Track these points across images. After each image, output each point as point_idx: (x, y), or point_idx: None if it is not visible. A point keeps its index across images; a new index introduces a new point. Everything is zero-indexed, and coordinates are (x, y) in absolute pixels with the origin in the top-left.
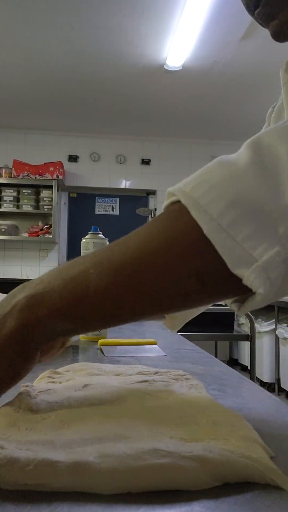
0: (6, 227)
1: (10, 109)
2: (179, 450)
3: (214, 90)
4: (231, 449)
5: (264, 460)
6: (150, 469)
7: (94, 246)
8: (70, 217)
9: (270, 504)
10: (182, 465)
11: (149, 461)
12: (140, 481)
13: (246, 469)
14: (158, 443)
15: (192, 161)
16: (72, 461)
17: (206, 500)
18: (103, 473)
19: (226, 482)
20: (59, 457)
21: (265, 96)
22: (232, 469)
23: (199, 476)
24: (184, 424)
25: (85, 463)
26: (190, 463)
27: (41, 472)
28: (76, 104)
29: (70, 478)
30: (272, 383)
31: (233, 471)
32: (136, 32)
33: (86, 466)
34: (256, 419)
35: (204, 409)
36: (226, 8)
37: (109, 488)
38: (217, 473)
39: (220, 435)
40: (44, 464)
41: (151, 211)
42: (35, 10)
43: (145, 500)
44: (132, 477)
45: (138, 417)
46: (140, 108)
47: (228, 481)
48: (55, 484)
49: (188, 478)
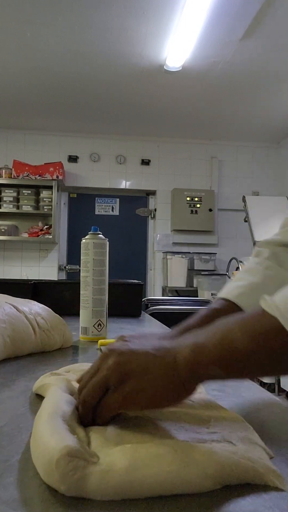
0: (6, 227)
1: (10, 109)
2: (181, 454)
3: (214, 91)
4: (232, 451)
5: (264, 462)
6: (155, 476)
7: (94, 246)
8: (70, 218)
9: (270, 505)
10: (185, 471)
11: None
12: (142, 488)
13: (247, 471)
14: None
15: (192, 162)
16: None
17: (206, 502)
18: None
19: (227, 484)
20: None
21: (265, 96)
22: (233, 471)
23: (202, 483)
24: (185, 427)
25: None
26: (194, 469)
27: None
28: (76, 105)
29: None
30: (272, 383)
31: (235, 473)
32: (136, 33)
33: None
34: (256, 420)
35: (204, 409)
36: (226, 8)
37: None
38: (219, 476)
39: (220, 437)
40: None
41: (150, 211)
42: (35, 11)
43: (145, 504)
44: (137, 484)
45: (138, 419)
46: (140, 108)
47: (229, 483)
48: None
49: (192, 484)
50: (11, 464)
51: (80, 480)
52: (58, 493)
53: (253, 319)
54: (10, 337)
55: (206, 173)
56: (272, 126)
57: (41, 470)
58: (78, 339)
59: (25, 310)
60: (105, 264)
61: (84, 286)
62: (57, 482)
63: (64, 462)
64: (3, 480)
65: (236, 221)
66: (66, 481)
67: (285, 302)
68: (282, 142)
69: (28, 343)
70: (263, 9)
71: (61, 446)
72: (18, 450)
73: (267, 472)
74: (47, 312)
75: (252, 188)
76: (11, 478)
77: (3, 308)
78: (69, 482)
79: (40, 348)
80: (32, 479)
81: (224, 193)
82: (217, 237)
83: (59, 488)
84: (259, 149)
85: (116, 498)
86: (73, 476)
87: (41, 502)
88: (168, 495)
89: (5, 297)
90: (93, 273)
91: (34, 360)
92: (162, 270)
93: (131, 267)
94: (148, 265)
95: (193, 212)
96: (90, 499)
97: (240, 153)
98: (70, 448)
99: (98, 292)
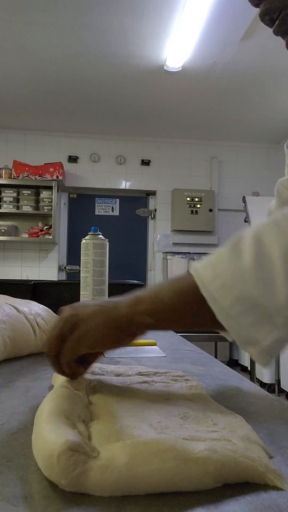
0: (6, 228)
1: (10, 109)
2: (182, 451)
3: (214, 91)
4: (232, 449)
5: (263, 461)
6: (155, 472)
7: (94, 247)
8: (70, 218)
9: (270, 504)
10: (185, 468)
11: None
12: (142, 484)
13: (247, 470)
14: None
15: (192, 162)
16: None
17: (205, 500)
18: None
19: (227, 483)
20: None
21: (265, 96)
22: (233, 470)
23: (201, 480)
24: (185, 426)
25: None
26: (194, 466)
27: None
28: (76, 105)
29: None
30: (272, 384)
31: (234, 472)
32: (136, 33)
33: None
34: (256, 420)
35: (203, 408)
36: (226, 9)
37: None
38: (219, 474)
39: (220, 436)
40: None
41: (151, 211)
42: (35, 11)
43: (145, 501)
44: (136, 480)
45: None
46: (140, 109)
47: (228, 481)
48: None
49: (192, 481)
50: (11, 461)
51: (81, 475)
52: (58, 489)
53: (180, 279)
54: (10, 337)
55: (206, 174)
56: (272, 127)
57: (42, 465)
58: None
59: (25, 311)
60: (105, 264)
61: (84, 287)
62: (58, 476)
63: (65, 457)
64: (3, 477)
65: (236, 221)
66: (66, 475)
67: (204, 266)
68: (282, 143)
69: (28, 343)
70: None
71: (62, 440)
72: (18, 447)
73: (266, 471)
74: (47, 313)
75: (252, 188)
76: (11, 474)
77: (3, 309)
78: (70, 477)
79: (40, 349)
80: (32, 476)
81: (224, 193)
82: (217, 238)
83: (60, 482)
84: (259, 149)
85: (115, 494)
86: (73, 471)
87: (41, 498)
88: (168, 492)
89: (5, 298)
90: (93, 273)
91: (34, 360)
92: (162, 271)
93: (131, 267)
94: (148, 266)
95: (193, 213)
96: (90, 495)
97: (240, 154)
98: (71, 442)
99: (98, 293)
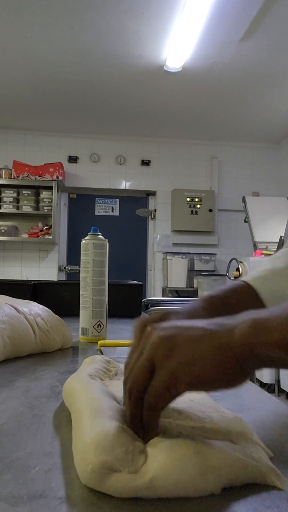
0: (6, 228)
1: (10, 110)
2: (201, 458)
3: (214, 91)
4: (238, 450)
5: (264, 461)
6: (172, 483)
7: (93, 247)
8: (70, 218)
9: (270, 504)
10: (201, 480)
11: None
12: (157, 491)
13: (252, 471)
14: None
15: (192, 162)
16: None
17: (206, 500)
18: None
19: (233, 485)
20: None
21: (265, 96)
22: (242, 473)
23: (213, 490)
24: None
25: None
26: (209, 477)
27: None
28: (76, 105)
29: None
30: (272, 384)
31: (243, 475)
32: (136, 33)
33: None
34: (256, 421)
35: (203, 410)
36: (226, 9)
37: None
38: (228, 480)
39: (220, 436)
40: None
41: (151, 212)
42: (35, 11)
43: (148, 504)
44: (154, 489)
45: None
46: (140, 109)
47: (235, 484)
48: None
49: (204, 492)
50: (10, 461)
51: (107, 475)
52: (58, 490)
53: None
54: (10, 338)
55: (206, 174)
56: (272, 127)
57: (81, 446)
58: (78, 340)
59: (25, 311)
60: (105, 264)
61: (84, 287)
62: (90, 461)
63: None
64: (3, 477)
65: (236, 221)
66: (98, 466)
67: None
68: (282, 142)
69: (28, 344)
70: (263, 10)
71: (118, 428)
72: (17, 447)
73: (267, 472)
74: (47, 313)
75: (252, 188)
76: (10, 475)
77: (3, 309)
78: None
79: (40, 349)
80: (32, 476)
81: (224, 193)
82: (217, 238)
83: (87, 467)
84: (259, 149)
85: (125, 496)
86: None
87: (40, 499)
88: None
89: (5, 298)
90: (93, 273)
91: (34, 361)
92: (162, 271)
93: (131, 267)
94: (148, 266)
95: (193, 213)
96: (90, 494)
97: (240, 154)
98: (124, 430)
99: (98, 293)
